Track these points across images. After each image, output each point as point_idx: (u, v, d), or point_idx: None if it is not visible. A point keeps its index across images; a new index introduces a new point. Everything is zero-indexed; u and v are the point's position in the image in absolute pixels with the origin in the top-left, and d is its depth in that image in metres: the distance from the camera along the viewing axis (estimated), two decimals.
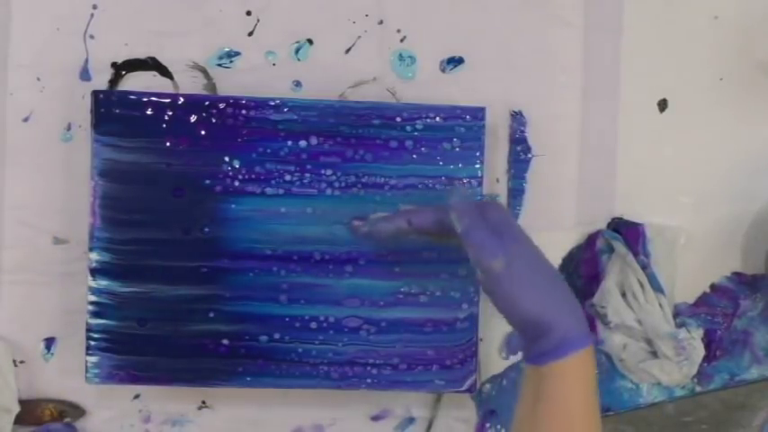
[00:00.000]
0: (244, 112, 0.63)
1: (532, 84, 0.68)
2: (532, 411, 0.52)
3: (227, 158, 0.63)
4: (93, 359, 0.62)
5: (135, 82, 0.65)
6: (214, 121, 0.63)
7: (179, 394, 0.66)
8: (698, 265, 0.70)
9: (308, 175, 0.63)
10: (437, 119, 0.64)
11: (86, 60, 0.65)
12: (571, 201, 0.68)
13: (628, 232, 0.68)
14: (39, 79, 0.65)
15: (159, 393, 0.67)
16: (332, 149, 0.63)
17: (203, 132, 0.63)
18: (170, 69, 0.65)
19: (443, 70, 0.67)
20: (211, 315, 0.63)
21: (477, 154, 0.64)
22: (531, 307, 0.52)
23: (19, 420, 0.65)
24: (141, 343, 0.63)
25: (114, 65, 0.65)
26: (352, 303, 0.64)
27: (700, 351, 0.68)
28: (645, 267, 0.67)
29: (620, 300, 0.67)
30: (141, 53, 0.65)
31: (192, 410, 0.67)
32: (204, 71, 0.66)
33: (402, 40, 0.67)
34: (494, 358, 0.68)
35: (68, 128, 0.65)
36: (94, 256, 0.62)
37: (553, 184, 0.68)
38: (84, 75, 0.65)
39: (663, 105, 0.69)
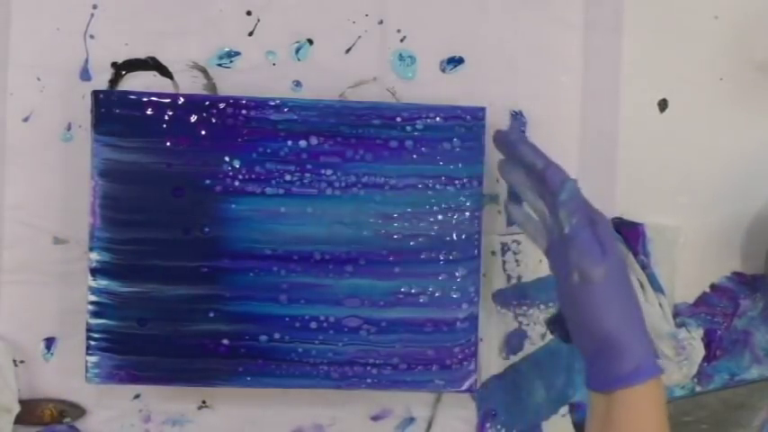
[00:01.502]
0: (244, 112, 0.63)
1: (532, 84, 0.68)
2: None
3: (227, 158, 0.63)
4: (93, 359, 0.62)
5: (135, 82, 0.65)
6: (214, 121, 0.63)
7: (179, 394, 0.66)
8: (698, 265, 0.69)
9: (307, 175, 0.63)
10: (437, 119, 0.64)
11: (86, 60, 0.65)
12: None
13: (628, 232, 0.68)
14: (39, 79, 0.65)
15: (159, 393, 0.67)
16: (332, 149, 0.63)
17: (203, 132, 0.63)
18: (170, 69, 0.65)
19: (443, 70, 0.67)
20: (211, 315, 0.63)
21: (478, 154, 0.64)
22: (615, 325, 0.51)
23: (19, 420, 0.65)
24: (141, 343, 0.63)
25: (114, 65, 0.65)
26: (352, 303, 0.64)
27: (700, 351, 0.68)
28: (645, 267, 0.67)
29: None
30: (141, 53, 0.65)
31: (191, 410, 0.67)
32: (204, 71, 0.66)
33: (402, 40, 0.67)
34: (494, 358, 0.68)
35: (68, 128, 0.65)
36: (94, 256, 0.62)
37: None
38: (84, 75, 0.65)
39: (663, 105, 0.69)
